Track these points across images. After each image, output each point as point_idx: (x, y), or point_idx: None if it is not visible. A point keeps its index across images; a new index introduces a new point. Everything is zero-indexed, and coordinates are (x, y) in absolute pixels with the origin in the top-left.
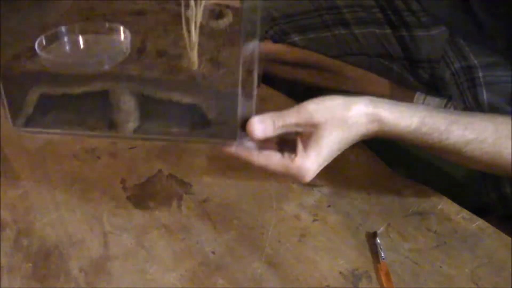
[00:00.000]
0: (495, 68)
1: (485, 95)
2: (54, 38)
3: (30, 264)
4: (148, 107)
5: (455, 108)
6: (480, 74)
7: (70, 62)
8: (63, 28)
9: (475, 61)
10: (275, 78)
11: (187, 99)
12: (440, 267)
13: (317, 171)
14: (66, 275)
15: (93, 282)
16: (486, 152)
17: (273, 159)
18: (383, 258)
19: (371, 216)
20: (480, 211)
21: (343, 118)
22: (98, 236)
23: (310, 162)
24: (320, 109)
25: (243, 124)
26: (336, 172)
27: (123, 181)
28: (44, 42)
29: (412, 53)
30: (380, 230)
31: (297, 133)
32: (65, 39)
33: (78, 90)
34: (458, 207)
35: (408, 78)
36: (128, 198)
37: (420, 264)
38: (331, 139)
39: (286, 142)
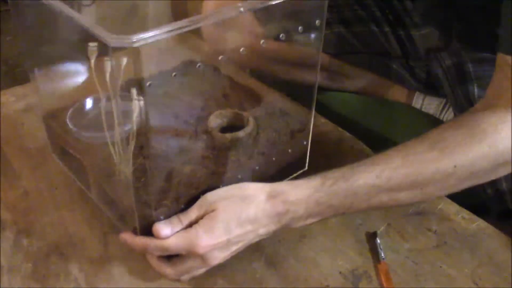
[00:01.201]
0: (485, 63)
1: (476, 90)
2: (82, 108)
3: (30, 264)
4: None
5: (452, 107)
6: (471, 69)
7: (91, 135)
8: (88, 99)
9: (466, 57)
10: (276, 78)
11: (112, 195)
12: (440, 267)
13: (214, 244)
14: (66, 275)
15: (93, 282)
16: (404, 177)
17: (170, 238)
18: (383, 258)
19: (371, 216)
20: (478, 209)
21: (238, 195)
22: (98, 236)
23: (202, 230)
24: (218, 195)
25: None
26: None
27: None
28: (74, 113)
29: (409, 52)
30: (380, 230)
31: None
32: (91, 108)
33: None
34: (458, 207)
35: (407, 77)
36: None
37: (420, 264)
38: (226, 214)
39: None
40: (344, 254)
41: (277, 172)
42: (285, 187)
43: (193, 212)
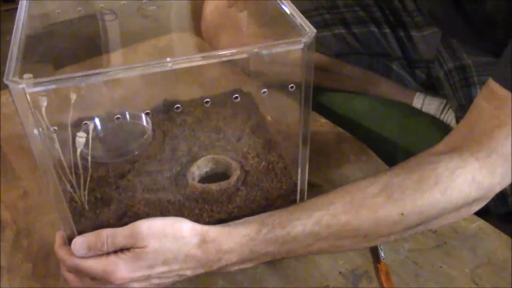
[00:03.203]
0: (488, 67)
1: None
2: (88, 129)
3: (30, 264)
4: None
5: (453, 109)
6: (474, 73)
7: (105, 154)
8: (96, 119)
9: (469, 61)
10: None
11: None
12: (440, 267)
13: (132, 277)
14: None
15: None
16: (345, 224)
17: (87, 260)
18: (383, 258)
19: None
20: (480, 210)
21: (172, 235)
22: None
23: (123, 262)
24: (152, 231)
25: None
26: (336, 171)
27: None
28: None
29: (409, 53)
30: None
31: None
32: (99, 128)
33: None
34: None
35: (407, 78)
36: None
37: (420, 264)
38: (154, 253)
39: None
40: (344, 254)
41: None
42: (219, 234)
43: (120, 240)
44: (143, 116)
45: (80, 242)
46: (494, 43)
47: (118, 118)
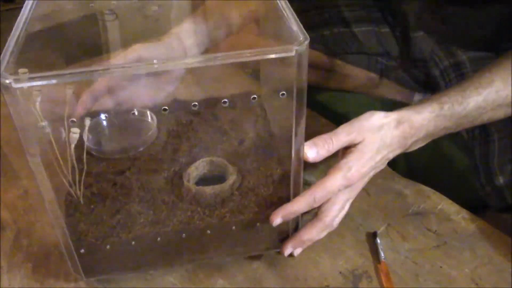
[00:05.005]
0: (483, 61)
1: None
2: (96, 125)
3: (30, 264)
4: None
5: None
6: (469, 69)
7: (111, 149)
8: (102, 115)
9: (463, 57)
10: None
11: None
12: (440, 267)
13: (363, 173)
14: (66, 275)
15: (92, 282)
16: (505, 98)
17: (326, 179)
18: (383, 258)
19: (371, 216)
20: (478, 205)
21: (376, 126)
22: None
23: (353, 158)
24: (362, 125)
25: None
26: None
27: None
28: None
29: (408, 52)
30: (380, 230)
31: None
32: (105, 124)
33: None
34: (458, 207)
35: (406, 77)
36: None
37: (420, 264)
38: (371, 144)
39: None
40: (344, 254)
41: (239, 245)
42: (410, 113)
43: (343, 136)
44: (149, 113)
45: (309, 145)
46: (486, 40)
47: (123, 114)
